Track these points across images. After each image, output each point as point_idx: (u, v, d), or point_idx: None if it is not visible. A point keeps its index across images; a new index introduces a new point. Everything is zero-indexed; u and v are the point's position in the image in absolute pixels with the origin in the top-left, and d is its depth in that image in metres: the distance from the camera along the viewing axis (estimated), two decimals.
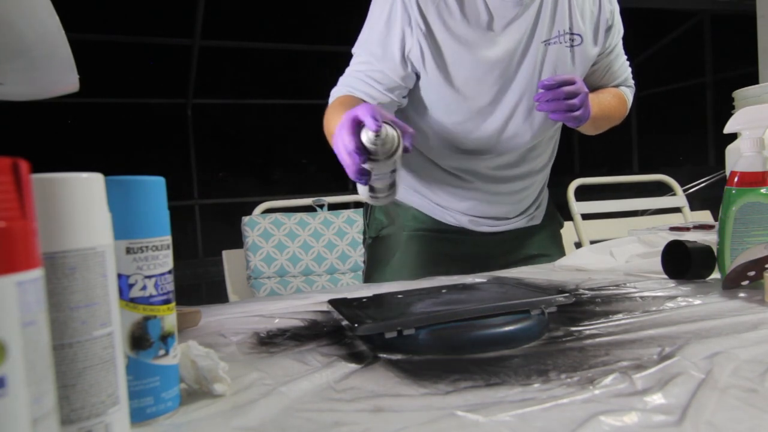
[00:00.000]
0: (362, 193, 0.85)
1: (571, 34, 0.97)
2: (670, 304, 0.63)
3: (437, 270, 1.01)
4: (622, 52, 1.09)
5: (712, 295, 0.67)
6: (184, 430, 0.36)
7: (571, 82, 0.89)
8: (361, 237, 2.02)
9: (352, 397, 0.40)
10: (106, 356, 0.32)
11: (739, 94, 1.52)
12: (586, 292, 0.73)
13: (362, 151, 0.72)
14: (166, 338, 0.38)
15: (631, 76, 1.14)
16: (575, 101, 0.89)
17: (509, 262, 1.08)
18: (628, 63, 1.12)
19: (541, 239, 1.14)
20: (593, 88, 1.09)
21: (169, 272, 0.39)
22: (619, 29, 1.05)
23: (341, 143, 0.74)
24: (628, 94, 1.14)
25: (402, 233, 1.07)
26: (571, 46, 0.97)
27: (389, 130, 0.72)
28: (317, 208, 2.03)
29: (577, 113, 0.90)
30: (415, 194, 1.08)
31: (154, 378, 0.37)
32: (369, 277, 1.11)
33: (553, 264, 1.01)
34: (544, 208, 1.16)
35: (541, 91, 0.90)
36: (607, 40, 1.02)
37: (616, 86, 1.12)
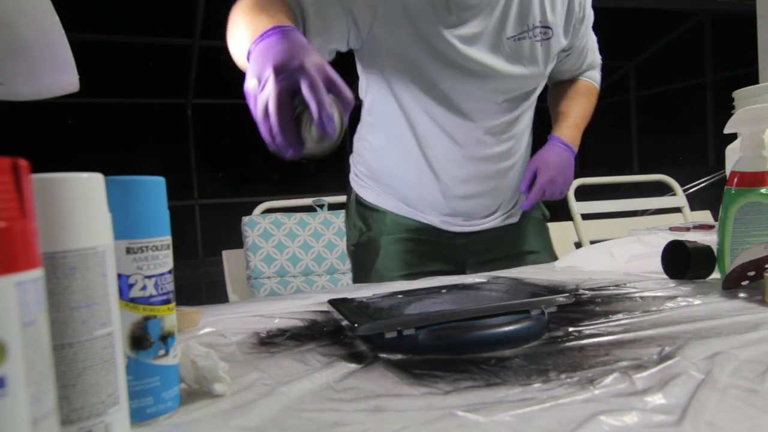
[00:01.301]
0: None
1: (543, 27, 0.96)
2: (670, 304, 0.63)
3: (420, 271, 1.02)
4: (590, 32, 1.10)
5: (712, 295, 0.67)
6: (184, 430, 0.36)
7: (543, 194, 1.04)
8: None
9: (352, 397, 0.40)
10: (106, 356, 0.32)
11: (739, 94, 1.52)
12: (586, 292, 0.73)
13: (299, 145, 0.58)
14: (166, 338, 0.38)
15: (597, 50, 1.16)
16: (556, 195, 1.06)
17: (491, 260, 1.07)
18: (595, 38, 1.14)
19: (523, 236, 1.12)
20: (566, 76, 1.13)
21: (169, 272, 0.39)
22: (590, 17, 1.05)
23: (264, 122, 0.58)
24: (597, 77, 1.18)
25: (380, 238, 1.06)
26: (542, 39, 0.97)
27: (337, 118, 0.56)
28: (317, 208, 2.03)
29: (561, 194, 1.08)
30: (387, 196, 1.07)
31: (154, 378, 0.37)
32: (356, 283, 1.11)
33: (553, 264, 1.01)
34: None
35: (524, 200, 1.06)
36: (580, 32, 1.03)
37: (588, 69, 1.15)
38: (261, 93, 0.57)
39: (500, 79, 0.96)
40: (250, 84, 0.60)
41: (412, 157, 1.02)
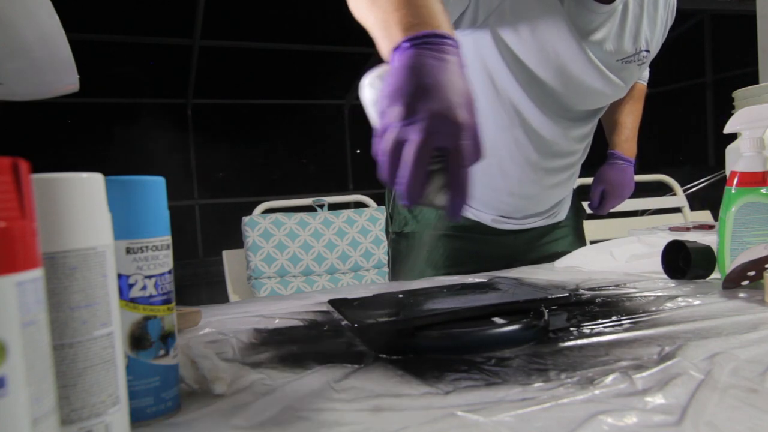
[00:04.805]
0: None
1: (646, 51, 0.95)
2: (670, 304, 0.63)
3: (464, 269, 1.00)
4: None
5: (712, 295, 0.67)
6: (184, 430, 0.36)
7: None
8: (361, 237, 2.02)
9: (352, 397, 0.40)
10: (106, 356, 0.32)
11: (739, 94, 1.52)
12: (586, 292, 0.73)
13: (418, 197, 0.48)
14: (166, 338, 0.38)
15: None
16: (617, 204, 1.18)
17: (535, 261, 1.07)
18: None
19: (565, 237, 1.12)
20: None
21: (169, 272, 0.39)
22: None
23: (391, 160, 0.47)
24: (647, 75, 1.22)
25: (427, 232, 1.04)
26: (641, 63, 0.96)
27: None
28: (317, 208, 2.04)
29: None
30: None
31: (154, 378, 0.37)
32: (395, 273, 1.09)
33: (553, 264, 1.01)
34: (569, 203, 1.14)
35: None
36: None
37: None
38: (402, 129, 0.47)
39: (598, 95, 0.95)
40: (391, 109, 0.48)
41: (493, 150, 0.93)
